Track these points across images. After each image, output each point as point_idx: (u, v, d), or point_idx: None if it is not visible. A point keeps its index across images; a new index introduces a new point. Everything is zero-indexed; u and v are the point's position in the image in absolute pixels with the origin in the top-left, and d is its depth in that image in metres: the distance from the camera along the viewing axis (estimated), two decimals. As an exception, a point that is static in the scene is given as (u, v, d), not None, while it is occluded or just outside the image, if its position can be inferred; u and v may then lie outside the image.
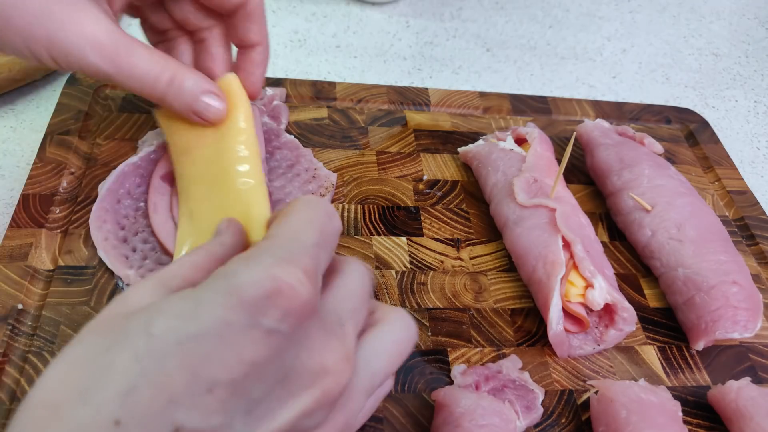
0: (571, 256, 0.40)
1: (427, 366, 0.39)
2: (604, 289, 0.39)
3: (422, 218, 0.47)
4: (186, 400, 0.20)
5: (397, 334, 0.27)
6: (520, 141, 0.50)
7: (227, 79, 0.39)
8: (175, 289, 0.24)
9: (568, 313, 0.40)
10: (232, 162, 0.37)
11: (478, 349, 0.40)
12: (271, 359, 0.21)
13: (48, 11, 0.31)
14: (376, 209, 0.46)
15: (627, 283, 0.46)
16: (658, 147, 0.51)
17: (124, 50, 0.34)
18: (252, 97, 0.40)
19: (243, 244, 0.31)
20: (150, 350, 0.20)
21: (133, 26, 0.46)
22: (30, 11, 0.31)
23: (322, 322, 0.23)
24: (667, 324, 0.44)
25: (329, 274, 0.27)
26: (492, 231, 0.47)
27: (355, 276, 0.27)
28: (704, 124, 0.60)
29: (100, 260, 0.39)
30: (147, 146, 0.44)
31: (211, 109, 0.37)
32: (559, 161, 0.49)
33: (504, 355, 0.40)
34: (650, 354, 0.42)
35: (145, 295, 0.23)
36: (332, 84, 0.54)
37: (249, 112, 0.38)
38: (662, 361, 0.42)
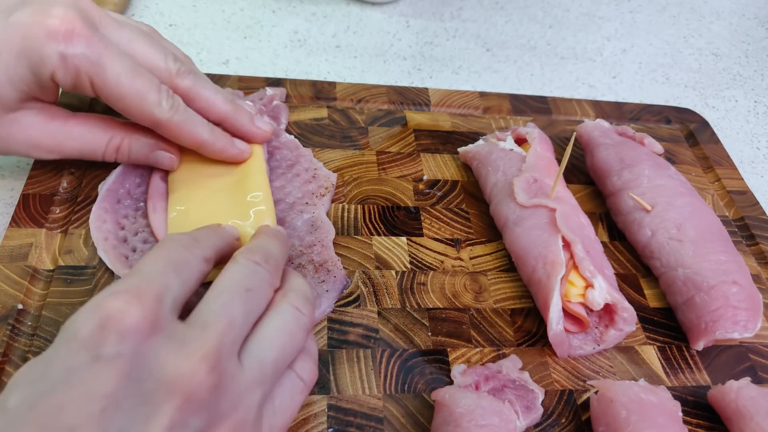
0: (571, 256, 0.40)
1: (427, 366, 0.39)
2: (604, 289, 0.39)
3: (422, 218, 0.47)
4: None
5: (283, 320, 0.28)
6: (520, 141, 0.50)
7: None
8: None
9: (568, 313, 0.40)
10: (243, 185, 0.40)
11: (478, 349, 0.40)
12: (124, 384, 0.21)
13: None
14: (376, 209, 0.46)
15: (627, 283, 0.46)
16: (658, 147, 0.51)
17: (65, 137, 0.37)
18: (263, 140, 0.43)
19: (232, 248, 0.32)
20: (8, 425, 0.20)
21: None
22: None
23: (172, 336, 0.23)
24: (667, 324, 0.44)
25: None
26: (492, 231, 0.47)
27: (227, 273, 0.27)
28: (704, 124, 0.60)
29: (100, 260, 0.39)
30: None
31: (164, 162, 0.40)
32: (559, 161, 0.49)
33: (504, 355, 0.40)
34: (650, 354, 0.42)
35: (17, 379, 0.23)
36: (332, 84, 0.54)
37: (261, 153, 0.43)
38: (662, 361, 0.42)
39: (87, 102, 0.48)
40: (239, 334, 0.26)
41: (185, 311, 0.26)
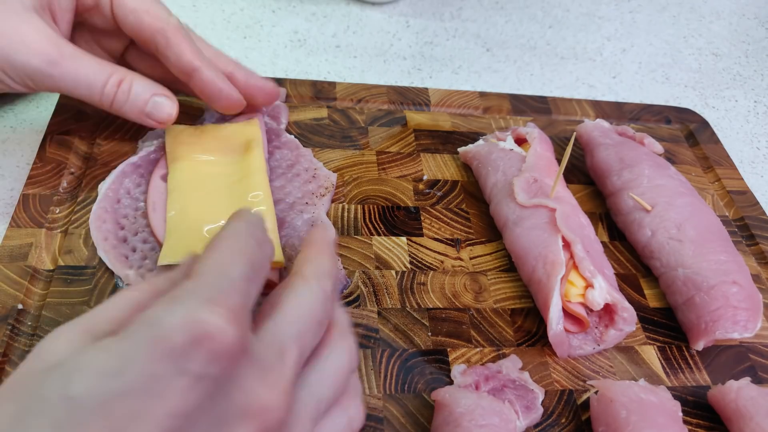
0: (571, 256, 0.40)
1: (427, 366, 0.39)
2: (604, 289, 0.39)
3: (422, 218, 0.47)
4: None
5: (340, 358, 0.27)
6: (520, 141, 0.50)
7: (251, 121, 0.45)
8: (102, 335, 0.22)
9: (568, 313, 0.40)
10: (243, 185, 0.41)
11: (478, 349, 0.40)
12: (203, 405, 0.20)
13: None
14: (376, 209, 0.46)
15: (627, 283, 0.46)
16: (658, 147, 0.51)
17: (69, 55, 0.35)
18: (256, 105, 0.45)
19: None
20: (70, 415, 0.18)
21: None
22: None
23: (256, 359, 0.22)
24: (667, 324, 0.44)
25: (272, 299, 0.26)
26: (492, 231, 0.47)
27: (301, 298, 0.26)
28: (704, 124, 0.60)
29: (100, 260, 0.39)
30: (147, 146, 0.44)
31: (163, 108, 0.39)
32: (559, 161, 0.49)
33: (504, 355, 0.40)
34: (650, 354, 0.42)
35: (66, 345, 0.21)
36: (332, 84, 0.54)
37: (262, 153, 0.43)
38: (662, 361, 0.42)
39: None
40: (302, 366, 0.25)
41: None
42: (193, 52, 0.40)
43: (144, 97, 0.38)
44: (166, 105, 0.39)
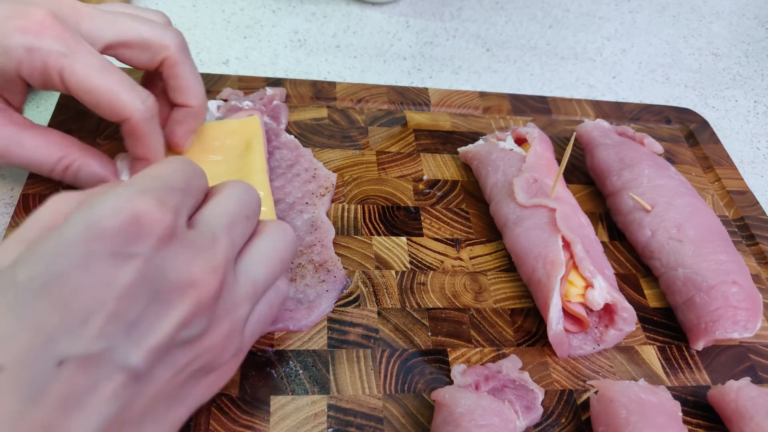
0: (571, 256, 0.40)
1: (427, 366, 0.39)
2: (604, 289, 0.39)
3: (422, 218, 0.47)
4: (64, 334, 0.21)
5: (274, 242, 0.30)
6: (520, 141, 0.50)
7: (252, 118, 0.44)
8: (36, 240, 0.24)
9: (568, 313, 0.40)
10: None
11: (478, 349, 0.40)
12: (139, 281, 0.22)
13: None
14: (376, 209, 0.46)
15: (627, 283, 0.46)
16: (658, 147, 0.51)
17: (14, 144, 0.36)
18: (176, 149, 0.41)
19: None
20: (19, 297, 0.21)
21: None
22: None
23: (188, 242, 0.25)
24: (667, 324, 0.44)
25: (209, 195, 0.30)
26: (492, 231, 0.47)
27: (230, 195, 0.29)
28: (704, 124, 0.60)
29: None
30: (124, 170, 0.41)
31: None
32: (559, 161, 0.49)
33: (504, 355, 0.40)
34: (650, 354, 0.42)
35: (7, 251, 0.24)
36: (332, 84, 0.54)
37: (263, 152, 0.43)
38: (662, 361, 0.42)
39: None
40: (236, 252, 0.28)
41: None
42: (146, 148, 0.38)
43: (90, 183, 0.38)
44: None
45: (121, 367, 0.22)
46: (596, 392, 0.37)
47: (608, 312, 0.40)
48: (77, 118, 0.47)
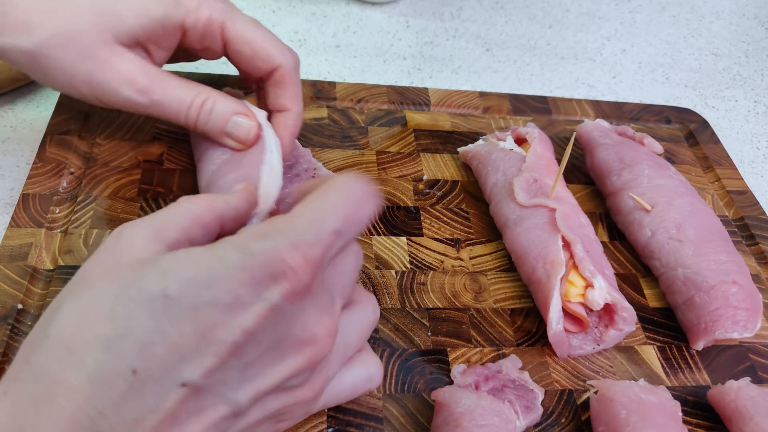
0: (571, 256, 0.40)
1: (427, 366, 0.39)
2: (604, 289, 0.39)
3: (422, 218, 0.47)
4: (192, 359, 0.22)
5: (367, 315, 0.31)
6: (520, 141, 0.50)
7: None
8: (172, 241, 0.26)
9: (567, 313, 0.40)
10: None
11: (477, 349, 0.40)
12: (268, 329, 0.24)
13: (88, 53, 0.36)
14: (376, 209, 0.46)
15: (627, 283, 0.46)
16: (658, 147, 0.51)
17: (157, 82, 0.38)
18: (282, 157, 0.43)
19: (248, 212, 0.33)
20: (167, 311, 0.22)
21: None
22: (73, 52, 0.36)
23: (317, 299, 0.26)
24: (667, 324, 0.44)
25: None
26: (492, 231, 0.47)
27: (352, 256, 0.29)
28: (704, 124, 0.60)
29: (100, 260, 0.39)
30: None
31: (241, 127, 0.40)
32: (558, 161, 0.49)
33: (504, 355, 0.40)
34: (650, 354, 0.42)
35: (143, 244, 0.25)
36: (332, 84, 0.54)
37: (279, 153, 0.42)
38: (662, 361, 0.42)
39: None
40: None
41: None
42: (292, 97, 0.42)
43: (224, 117, 0.39)
44: (243, 125, 0.40)
45: (227, 401, 0.24)
46: (596, 392, 0.37)
47: (608, 312, 0.40)
48: (77, 118, 0.47)
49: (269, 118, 0.44)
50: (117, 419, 0.21)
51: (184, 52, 0.42)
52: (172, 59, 0.42)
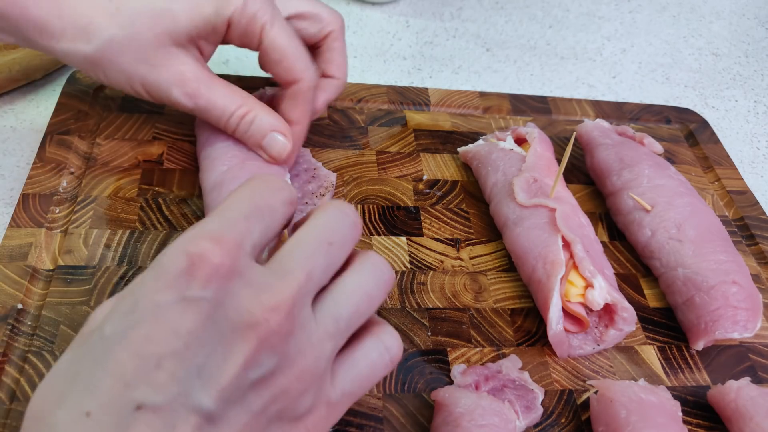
0: (571, 256, 0.40)
1: (427, 366, 0.39)
2: (604, 289, 0.39)
3: (422, 218, 0.47)
4: (139, 380, 0.22)
5: (362, 277, 0.28)
6: (520, 141, 0.50)
7: None
8: None
9: (567, 313, 0.40)
10: None
11: (477, 349, 0.40)
12: (202, 325, 0.23)
13: (144, 56, 0.38)
14: (375, 209, 0.46)
15: (627, 283, 0.46)
16: (658, 147, 0.51)
17: (205, 87, 0.39)
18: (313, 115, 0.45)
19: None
20: (104, 350, 0.23)
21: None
22: (130, 56, 0.38)
23: (251, 279, 0.25)
24: (667, 324, 0.44)
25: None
26: (492, 231, 0.47)
27: (316, 221, 0.28)
28: (704, 124, 0.60)
29: (100, 260, 0.39)
30: None
31: (277, 144, 0.42)
32: (558, 161, 0.49)
33: (504, 355, 0.40)
34: (650, 354, 0.42)
35: (105, 309, 0.25)
36: (332, 84, 0.54)
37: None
38: (662, 361, 0.42)
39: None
40: (316, 286, 0.27)
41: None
42: (302, 113, 0.43)
43: (263, 132, 0.41)
44: (279, 143, 0.42)
45: (193, 409, 0.23)
46: (596, 392, 0.37)
47: (608, 312, 0.40)
48: (77, 118, 0.47)
49: None
50: None
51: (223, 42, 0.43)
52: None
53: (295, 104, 0.42)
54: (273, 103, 0.44)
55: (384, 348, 0.28)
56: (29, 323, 0.36)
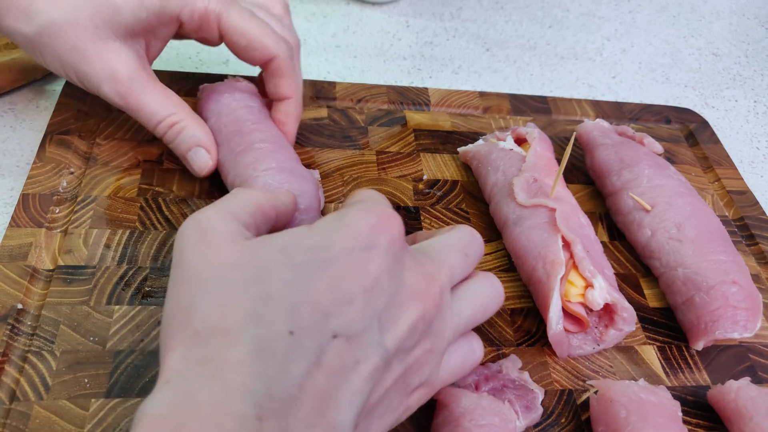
0: (571, 256, 0.40)
1: (427, 366, 0.39)
2: (604, 289, 0.39)
3: (422, 218, 0.47)
4: (335, 311, 0.24)
5: (483, 289, 0.32)
6: (520, 141, 0.50)
7: None
8: (244, 223, 0.28)
9: (567, 313, 0.40)
10: None
11: (477, 349, 0.40)
12: (388, 274, 0.26)
13: (80, 46, 0.38)
14: (375, 209, 0.46)
15: (627, 283, 0.46)
16: (658, 147, 0.51)
17: (138, 88, 0.39)
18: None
19: (293, 214, 0.35)
20: (299, 277, 0.25)
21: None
22: (66, 43, 0.37)
23: (417, 257, 0.28)
24: (667, 324, 0.44)
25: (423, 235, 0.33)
26: (492, 231, 0.47)
27: (455, 233, 0.32)
28: (704, 124, 0.60)
29: (100, 260, 0.39)
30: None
31: (199, 160, 0.42)
32: (558, 161, 0.49)
33: (504, 355, 0.40)
34: (650, 354, 0.42)
35: (226, 226, 0.27)
36: (332, 84, 0.54)
37: None
38: (662, 361, 0.42)
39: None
40: (454, 283, 0.31)
41: None
42: (291, 85, 0.43)
43: (187, 145, 0.41)
44: (201, 158, 0.42)
45: (377, 347, 0.25)
46: (596, 392, 0.37)
47: (608, 312, 0.40)
48: (77, 117, 0.47)
49: (270, 106, 0.45)
50: (287, 380, 0.23)
51: (182, 36, 0.43)
52: (175, 38, 0.43)
53: (280, 81, 0.42)
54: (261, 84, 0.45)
55: (473, 349, 0.33)
56: (29, 323, 0.36)
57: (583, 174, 0.53)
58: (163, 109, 0.40)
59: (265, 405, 0.22)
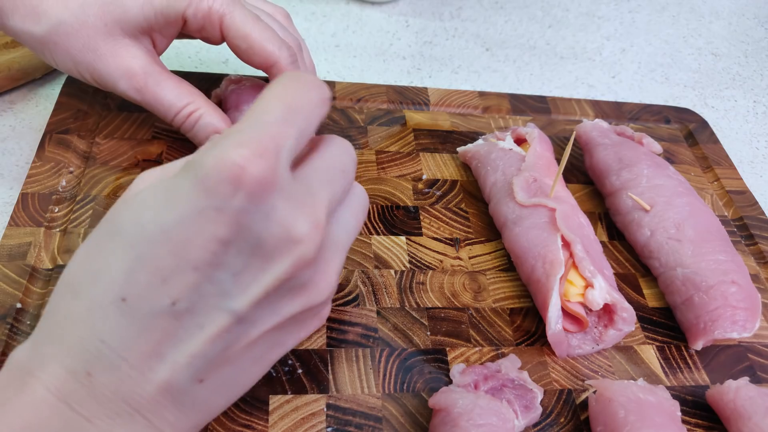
0: (571, 256, 0.40)
1: (426, 365, 0.39)
2: (603, 289, 0.39)
3: (421, 218, 0.47)
4: (176, 278, 0.23)
5: (359, 202, 0.31)
6: (520, 141, 0.50)
7: None
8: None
9: (567, 313, 0.40)
10: None
11: (477, 349, 0.40)
12: (242, 233, 0.24)
13: (93, 44, 0.38)
14: (375, 209, 0.46)
15: (626, 282, 0.46)
16: (657, 147, 0.51)
17: (153, 82, 0.39)
18: None
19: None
20: (140, 239, 0.24)
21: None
22: (78, 42, 0.38)
23: (288, 194, 0.25)
24: (666, 324, 0.44)
25: (310, 149, 0.29)
26: (491, 230, 0.47)
27: (332, 151, 0.29)
28: (703, 124, 0.60)
29: (99, 259, 0.39)
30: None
31: None
32: (558, 161, 0.49)
33: (503, 355, 0.40)
34: (649, 354, 0.42)
35: (147, 181, 0.27)
36: (331, 83, 0.54)
37: None
38: (661, 361, 0.42)
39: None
40: (335, 207, 0.29)
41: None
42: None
43: (206, 132, 0.41)
44: None
45: (224, 312, 0.24)
46: (595, 392, 0.37)
47: (607, 312, 0.40)
48: (76, 117, 0.47)
49: None
50: (118, 345, 0.23)
51: (185, 35, 0.43)
52: (178, 37, 0.43)
53: None
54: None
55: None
56: (28, 323, 0.36)
57: (582, 174, 0.53)
58: (179, 99, 0.40)
59: (94, 363, 0.24)
